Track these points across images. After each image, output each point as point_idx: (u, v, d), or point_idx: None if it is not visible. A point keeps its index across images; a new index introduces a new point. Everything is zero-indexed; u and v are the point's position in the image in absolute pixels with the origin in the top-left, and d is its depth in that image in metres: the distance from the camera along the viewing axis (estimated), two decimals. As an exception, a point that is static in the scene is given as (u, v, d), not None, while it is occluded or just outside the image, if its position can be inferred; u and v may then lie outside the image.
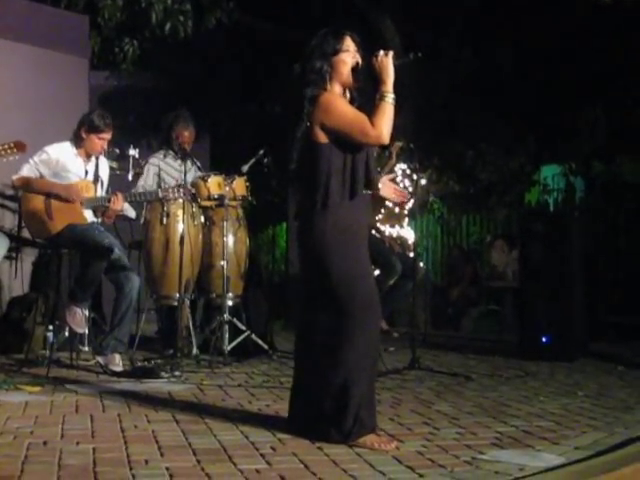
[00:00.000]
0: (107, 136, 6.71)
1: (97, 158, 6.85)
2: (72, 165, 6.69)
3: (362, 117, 4.20)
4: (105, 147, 6.77)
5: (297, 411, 4.35)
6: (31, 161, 6.60)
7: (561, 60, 11.67)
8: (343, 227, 4.18)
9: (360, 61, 4.31)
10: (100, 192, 6.82)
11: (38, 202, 6.52)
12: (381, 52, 4.28)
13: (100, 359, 6.50)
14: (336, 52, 4.29)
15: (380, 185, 4.85)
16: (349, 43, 4.32)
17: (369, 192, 4.36)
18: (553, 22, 11.24)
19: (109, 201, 6.64)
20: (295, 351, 4.47)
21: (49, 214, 6.49)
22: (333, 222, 4.17)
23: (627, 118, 12.29)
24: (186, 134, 7.95)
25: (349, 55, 4.31)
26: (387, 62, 4.25)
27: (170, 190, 7.01)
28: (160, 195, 7.00)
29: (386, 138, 4.22)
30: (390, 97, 4.21)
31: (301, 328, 4.43)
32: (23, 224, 6.80)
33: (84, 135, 6.68)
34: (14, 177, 6.62)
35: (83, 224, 6.58)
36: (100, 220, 6.89)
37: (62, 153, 6.68)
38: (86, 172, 6.76)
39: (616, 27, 10.68)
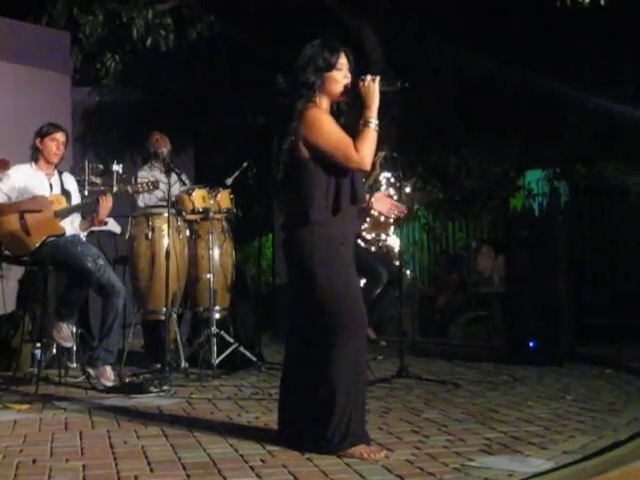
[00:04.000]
0: (59, 136, 6.73)
1: (60, 174, 6.86)
2: (36, 182, 6.67)
3: (347, 140, 4.19)
4: (61, 149, 6.76)
5: (285, 423, 4.36)
6: None
7: (543, 64, 11.71)
8: (328, 242, 4.19)
9: (350, 81, 4.30)
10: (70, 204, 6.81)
11: (13, 222, 6.48)
12: (368, 77, 4.26)
13: (91, 371, 6.47)
14: (329, 68, 4.25)
15: (373, 200, 4.84)
16: (343, 61, 4.29)
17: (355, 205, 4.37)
18: (534, 26, 11.29)
19: (97, 202, 6.63)
20: (284, 362, 4.48)
21: (26, 231, 6.46)
22: (320, 237, 4.17)
23: (610, 121, 12.35)
24: (157, 137, 8.01)
25: (341, 73, 4.28)
26: (373, 88, 4.23)
27: (140, 185, 7.03)
28: (130, 190, 7.01)
29: (368, 164, 4.22)
30: (374, 123, 4.20)
31: (288, 340, 4.44)
32: (4, 247, 6.77)
33: (39, 145, 6.70)
34: None
35: (64, 238, 6.57)
36: (86, 232, 6.89)
37: (23, 173, 6.68)
38: (51, 186, 6.74)
39: (597, 29, 10.73)
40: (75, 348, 7.23)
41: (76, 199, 6.93)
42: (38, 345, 7.03)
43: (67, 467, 3.93)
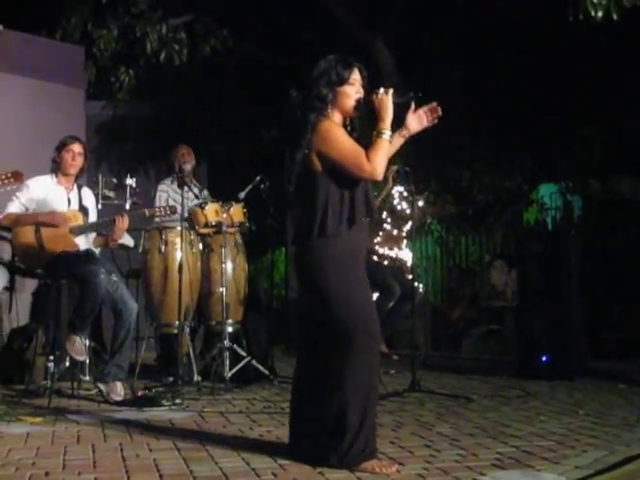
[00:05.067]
0: (74, 147, 6.79)
1: (80, 188, 6.90)
2: (54, 194, 6.74)
3: (359, 150, 4.21)
4: (77, 160, 6.79)
5: (297, 437, 4.37)
6: (14, 198, 6.64)
7: (557, 79, 11.71)
8: (342, 255, 4.20)
9: (362, 96, 4.33)
10: (87, 221, 6.84)
11: (29, 235, 6.53)
12: (381, 90, 4.29)
13: (102, 387, 6.50)
14: (342, 83, 4.30)
15: (410, 126, 4.65)
16: (356, 76, 4.34)
17: (368, 219, 4.38)
18: (548, 41, 11.29)
19: (114, 222, 6.66)
20: (294, 376, 4.49)
21: (40, 244, 6.52)
22: (332, 251, 4.19)
23: (623, 135, 12.33)
24: (184, 152, 8.02)
25: (354, 89, 4.33)
26: (386, 100, 4.27)
27: (157, 209, 7.07)
28: (147, 214, 7.04)
29: (380, 174, 4.23)
30: (387, 134, 4.24)
31: (300, 354, 4.44)
32: (17, 258, 6.80)
33: (57, 158, 6.78)
34: (0, 216, 6.63)
35: (76, 252, 6.60)
36: (99, 249, 6.92)
37: (43, 185, 6.75)
38: (69, 200, 6.79)
39: (610, 44, 10.73)
40: (88, 361, 7.25)
41: (93, 215, 6.97)
42: (51, 358, 7.05)
43: (79, 480, 3.94)
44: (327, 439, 4.14)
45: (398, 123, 4.41)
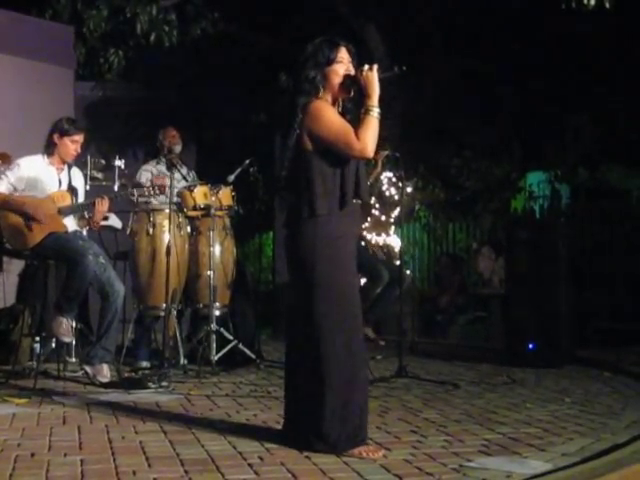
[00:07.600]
0: (79, 138, 6.72)
1: (70, 168, 6.85)
2: (45, 175, 6.67)
3: (348, 128, 4.19)
4: (79, 151, 6.76)
5: (287, 420, 4.37)
6: (3, 177, 6.57)
7: (546, 67, 11.71)
8: (333, 238, 4.19)
9: (352, 73, 4.31)
10: (76, 202, 6.80)
11: (16, 217, 6.49)
12: (366, 66, 4.27)
13: (88, 369, 6.48)
14: (330, 62, 4.28)
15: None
16: (343, 55, 4.32)
17: (359, 202, 4.36)
18: (538, 28, 11.28)
19: (93, 205, 6.62)
20: (285, 360, 4.48)
21: (28, 226, 6.46)
22: (323, 232, 4.17)
23: (612, 125, 12.35)
24: (173, 133, 7.99)
25: (343, 67, 4.30)
26: (372, 76, 4.24)
27: (146, 189, 7.02)
28: (136, 194, 7.01)
29: (370, 152, 4.21)
30: (375, 111, 4.21)
31: (289, 336, 4.43)
32: (5, 239, 6.76)
33: (57, 141, 6.67)
34: None
35: (65, 233, 6.57)
36: (87, 229, 6.89)
37: (34, 165, 6.66)
38: (59, 182, 6.74)
39: (601, 34, 10.73)
40: (74, 343, 7.23)
41: (82, 196, 6.93)
42: (37, 339, 7.03)
43: (65, 461, 3.93)
44: (310, 423, 4.13)
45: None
